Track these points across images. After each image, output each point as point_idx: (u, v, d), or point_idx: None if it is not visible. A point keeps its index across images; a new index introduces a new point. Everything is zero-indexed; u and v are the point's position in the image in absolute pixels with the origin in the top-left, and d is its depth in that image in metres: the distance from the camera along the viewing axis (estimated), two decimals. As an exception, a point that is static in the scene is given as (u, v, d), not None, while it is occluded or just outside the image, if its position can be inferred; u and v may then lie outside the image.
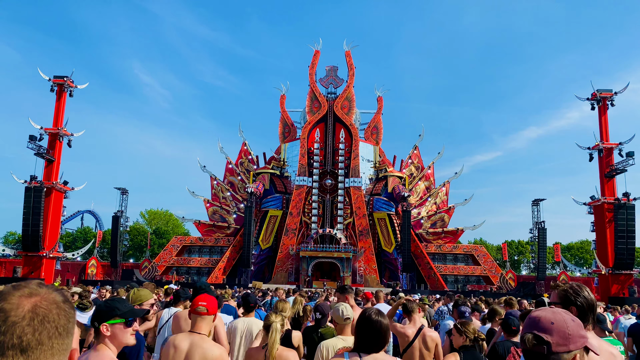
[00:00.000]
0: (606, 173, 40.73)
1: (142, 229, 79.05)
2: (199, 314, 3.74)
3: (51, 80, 40.79)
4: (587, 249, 74.36)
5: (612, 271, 39.03)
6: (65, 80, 40.79)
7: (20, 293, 1.08)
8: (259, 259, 51.74)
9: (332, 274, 49.77)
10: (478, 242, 79.19)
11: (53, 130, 40.13)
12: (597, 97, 41.57)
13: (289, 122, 57.73)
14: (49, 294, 1.12)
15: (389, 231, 52.38)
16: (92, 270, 50.16)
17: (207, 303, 3.76)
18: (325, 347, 4.09)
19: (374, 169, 56.01)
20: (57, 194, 40.47)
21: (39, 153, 38.98)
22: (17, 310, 1.04)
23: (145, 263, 52.29)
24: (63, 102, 41.16)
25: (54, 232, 40.27)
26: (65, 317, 1.12)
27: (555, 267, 71.22)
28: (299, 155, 54.13)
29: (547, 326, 1.57)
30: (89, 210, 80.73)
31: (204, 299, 3.79)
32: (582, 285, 2.68)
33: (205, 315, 3.74)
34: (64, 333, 1.10)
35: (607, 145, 40.99)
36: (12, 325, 1.02)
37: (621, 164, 39.73)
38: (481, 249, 54.07)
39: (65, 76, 40.98)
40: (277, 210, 53.71)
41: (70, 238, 77.46)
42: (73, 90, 41.64)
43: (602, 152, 41.08)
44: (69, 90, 41.30)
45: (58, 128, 40.22)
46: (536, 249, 51.06)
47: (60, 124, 40.64)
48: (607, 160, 41.00)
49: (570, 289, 2.65)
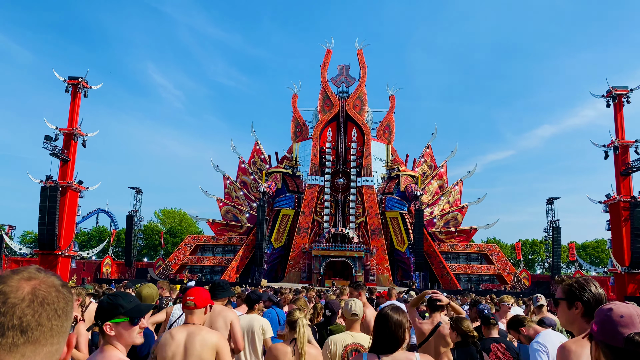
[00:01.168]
0: (622, 171, 40.18)
1: (156, 228, 79.72)
2: (188, 308, 3.75)
3: (66, 81, 41.26)
4: (602, 248, 73.42)
5: (628, 270, 38.50)
6: (80, 81, 41.23)
7: (19, 276, 1.10)
8: (272, 258, 51.91)
9: (344, 273, 49.73)
10: (492, 241, 78.59)
11: (68, 131, 40.59)
12: (613, 94, 41.05)
13: (300, 122, 57.80)
14: (48, 277, 1.15)
15: (401, 230, 52.21)
16: (107, 269, 50.74)
17: (195, 297, 3.76)
18: (334, 342, 4.10)
19: (386, 167, 55.84)
20: (72, 193, 40.95)
21: (55, 153, 39.46)
22: (17, 293, 1.06)
23: (159, 262, 52.73)
24: (78, 102, 41.62)
25: (69, 231, 40.76)
26: (64, 299, 1.14)
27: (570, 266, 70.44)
28: (310, 154, 54.16)
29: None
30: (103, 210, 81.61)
31: (192, 293, 3.80)
32: (590, 279, 2.56)
33: (193, 309, 3.73)
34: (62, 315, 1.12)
35: (622, 143, 40.44)
36: (12, 307, 1.04)
37: (637, 162, 39.17)
38: (495, 248, 53.64)
39: (79, 77, 41.43)
40: (290, 209, 53.82)
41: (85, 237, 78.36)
42: (87, 91, 42.09)
43: (618, 149, 40.53)
44: (84, 90, 41.75)
45: (73, 128, 40.68)
46: (550, 248, 50.59)
47: (75, 124, 41.11)
48: (622, 158, 40.45)
49: (576, 283, 2.54)
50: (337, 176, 54.60)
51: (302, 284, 38.89)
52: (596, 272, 56.55)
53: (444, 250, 51.72)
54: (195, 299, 3.76)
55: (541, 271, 74.83)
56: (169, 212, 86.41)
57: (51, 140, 39.09)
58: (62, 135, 40.56)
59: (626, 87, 41.13)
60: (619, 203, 39.79)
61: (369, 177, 52.71)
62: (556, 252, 49.26)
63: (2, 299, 1.05)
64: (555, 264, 49.18)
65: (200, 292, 3.86)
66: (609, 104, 41.68)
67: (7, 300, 1.05)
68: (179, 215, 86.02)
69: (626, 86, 41.16)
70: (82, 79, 41.43)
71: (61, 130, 40.39)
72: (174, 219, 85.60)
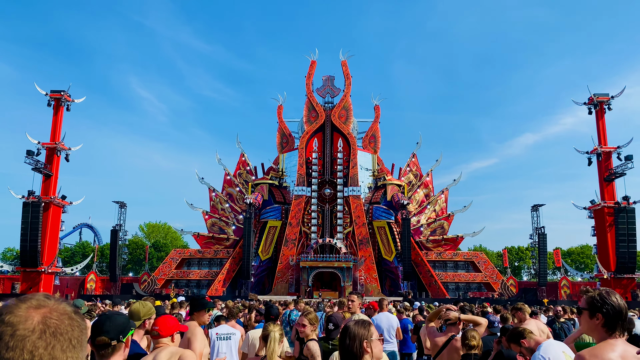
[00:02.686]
0: (605, 177, 40.75)
1: (141, 243, 78.68)
2: (154, 338, 3.79)
3: (48, 95, 40.78)
4: (587, 254, 74.21)
5: (614, 275, 38.94)
6: (62, 94, 40.77)
7: (27, 305, 0.97)
8: (259, 270, 51.45)
9: (332, 283, 49.48)
10: (478, 249, 78.94)
11: (50, 145, 40.03)
12: (594, 102, 41.74)
13: (286, 133, 57.73)
14: (58, 304, 1.02)
15: (389, 239, 52.19)
16: (91, 284, 49.78)
17: (159, 327, 3.79)
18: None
19: (373, 177, 55.93)
20: (55, 208, 40.28)
21: (37, 168, 38.85)
22: (26, 323, 0.94)
23: (145, 277, 51.92)
24: (60, 116, 41.11)
25: (52, 247, 40.02)
26: (78, 328, 1.02)
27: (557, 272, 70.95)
28: (297, 165, 54.06)
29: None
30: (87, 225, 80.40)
31: (159, 323, 3.83)
32: (611, 291, 2.65)
33: (158, 338, 3.77)
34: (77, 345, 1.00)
35: (605, 149, 41.07)
36: (22, 340, 0.92)
37: (620, 168, 39.79)
38: (481, 256, 53.86)
39: (62, 90, 40.98)
40: (277, 220, 53.51)
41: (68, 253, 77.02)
42: (70, 105, 41.64)
43: (601, 156, 41.15)
44: (66, 104, 41.28)
45: (55, 142, 40.14)
46: (537, 255, 50.92)
47: (57, 138, 40.56)
48: (606, 164, 41.05)
49: (598, 295, 2.61)
50: (324, 186, 54.51)
51: (290, 296, 38.53)
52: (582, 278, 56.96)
53: (432, 258, 51.79)
54: (160, 328, 3.79)
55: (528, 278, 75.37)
56: (154, 225, 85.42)
57: (33, 155, 38.50)
58: (44, 149, 40.00)
59: (607, 94, 41.86)
60: (604, 209, 40.30)
61: (355, 187, 52.71)
62: (542, 259, 49.58)
63: (10, 331, 0.92)
64: (542, 271, 49.49)
65: (165, 321, 3.88)
66: (590, 111, 42.35)
67: (16, 332, 0.92)
68: (163, 229, 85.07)
69: (607, 93, 41.90)
70: (64, 92, 40.97)
71: (43, 144, 39.83)
72: (158, 232, 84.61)
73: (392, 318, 8.93)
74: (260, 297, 37.65)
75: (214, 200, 56.83)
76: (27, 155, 38.01)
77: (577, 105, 43.26)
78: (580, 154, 42.50)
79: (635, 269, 39.65)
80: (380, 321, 8.56)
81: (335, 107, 55.42)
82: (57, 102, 40.85)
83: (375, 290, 48.37)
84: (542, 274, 49.43)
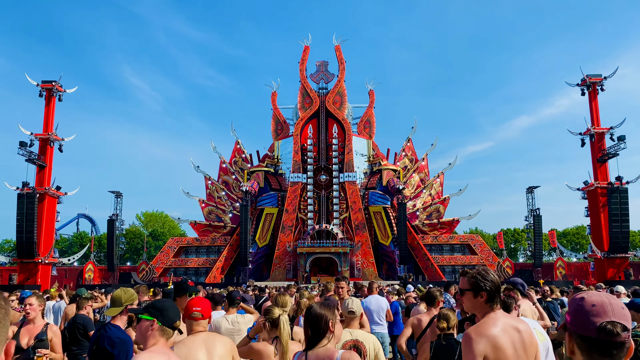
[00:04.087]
0: (598, 158, 40.92)
1: (138, 232, 78.85)
2: (195, 319, 3.55)
3: (39, 86, 40.52)
4: (582, 234, 74.69)
5: (607, 255, 39.28)
6: (54, 84, 40.51)
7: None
8: (257, 257, 51.71)
9: (329, 269, 49.80)
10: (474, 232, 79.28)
11: (43, 136, 39.89)
12: (587, 83, 41.75)
13: (281, 119, 57.58)
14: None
15: (385, 224, 52.42)
16: (90, 274, 50.00)
17: (201, 308, 3.58)
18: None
19: (368, 162, 55.97)
20: (50, 199, 40.26)
21: (30, 159, 38.76)
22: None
23: (143, 265, 52.14)
24: (52, 107, 40.90)
25: (48, 238, 40.09)
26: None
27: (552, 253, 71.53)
28: (292, 152, 54.02)
29: (621, 312, 1.47)
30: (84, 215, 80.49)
31: (199, 304, 3.63)
32: (488, 269, 2.93)
33: (200, 320, 3.57)
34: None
35: (598, 130, 41.18)
36: None
37: (613, 148, 39.94)
38: (477, 239, 54.19)
39: (53, 81, 40.69)
40: (273, 207, 53.64)
41: (66, 243, 77.18)
42: (62, 95, 41.40)
43: (594, 137, 41.28)
44: (58, 94, 41.04)
45: (48, 133, 39.98)
46: (532, 236, 51.24)
47: (50, 129, 40.40)
48: (599, 145, 41.20)
49: (478, 275, 2.84)
50: (320, 173, 54.57)
51: (287, 282, 38.83)
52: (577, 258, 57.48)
53: (428, 242, 52.08)
54: (202, 309, 3.57)
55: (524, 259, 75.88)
56: (151, 215, 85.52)
57: (26, 146, 38.39)
58: (37, 140, 39.86)
59: (600, 75, 41.84)
60: (597, 189, 40.53)
61: (351, 172, 52.78)
62: (537, 240, 49.90)
63: None
64: (537, 252, 49.85)
65: (205, 302, 3.69)
66: (583, 93, 42.38)
67: None
68: (161, 218, 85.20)
69: (600, 74, 41.88)
70: (56, 82, 40.70)
71: (36, 135, 39.68)
72: (156, 221, 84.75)
73: (381, 300, 9.08)
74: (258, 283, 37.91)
75: (210, 189, 56.87)
76: (20, 146, 37.90)
77: (571, 87, 43.26)
78: (574, 135, 42.61)
79: (628, 249, 40.03)
80: (369, 303, 8.71)
81: (329, 93, 55.22)
82: (49, 92, 40.60)
83: (372, 274, 48.70)
84: (537, 255, 49.80)
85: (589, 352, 1.46)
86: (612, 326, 1.42)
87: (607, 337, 1.42)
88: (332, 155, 54.18)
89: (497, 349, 2.53)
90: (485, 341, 2.53)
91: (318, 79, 56.60)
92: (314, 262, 49.40)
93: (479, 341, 2.55)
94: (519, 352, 2.58)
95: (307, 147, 54.44)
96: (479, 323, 2.70)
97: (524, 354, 2.59)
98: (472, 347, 2.54)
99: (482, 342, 2.53)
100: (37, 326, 5.03)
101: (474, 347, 2.53)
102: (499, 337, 2.56)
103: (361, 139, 56.47)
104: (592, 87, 41.83)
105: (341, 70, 55.61)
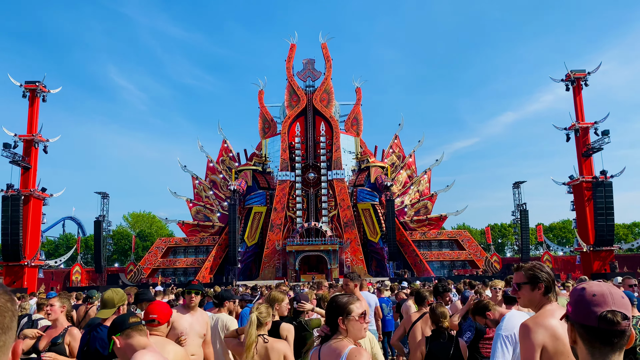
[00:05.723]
0: (583, 152, 41.41)
1: (125, 233, 78.24)
2: (152, 326, 3.60)
3: (22, 86, 39.95)
4: (568, 228, 75.62)
5: (593, 248, 39.77)
6: (38, 85, 39.97)
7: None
8: (246, 256, 51.57)
9: (319, 267, 49.86)
10: (462, 227, 79.93)
11: (27, 137, 39.37)
12: (572, 78, 42.18)
13: (268, 118, 57.43)
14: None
15: (373, 221, 52.58)
16: (77, 276, 49.48)
17: (157, 314, 3.67)
18: None
19: (356, 160, 56.06)
20: (36, 201, 39.77)
21: (14, 161, 38.24)
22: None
23: (131, 266, 51.75)
24: (36, 107, 40.37)
25: (34, 241, 39.61)
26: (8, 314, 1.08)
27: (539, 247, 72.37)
28: (280, 150, 53.94)
29: (621, 301, 1.49)
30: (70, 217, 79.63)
31: (155, 310, 3.72)
32: (539, 263, 2.90)
33: (156, 326, 3.65)
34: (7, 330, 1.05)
35: (583, 125, 41.65)
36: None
37: (597, 143, 40.42)
38: (465, 234, 54.61)
39: (37, 81, 40.15)
40: (261, 206, 53.52)
41: (52, 246, 76.32)
42: (46, 95, 40.86)
43: (579, 132, 41.74)
44: (42, 95, 40.50)
45: (32, 134, 39.46)
46: (519, 231, 51.70)
47: (34, 130, 39.88)
48: (583, 140, 41.68)
49: (535, 267, 2.82)
50: (308, 171, 54.55)
51: (277, 281, 38.84)
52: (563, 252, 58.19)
53: (416, 238, 52.37)
54: (158, 316, 3.67)
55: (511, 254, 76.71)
56: (138, 215, 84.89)
57: (10, 148, 37.86)
58: (21, 142, 39.30)
59: (584, 70, 42.31)
60: (582, 184, 41.01)
61: (339, 170, 52.84)
62: (524, 235, 50.39)
63: None
64: (525, 247, 50.33)
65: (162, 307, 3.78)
66: (568, 88, 42.80)
67: None
68: (148, 219, 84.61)
69: (584, 70, 42.35)
70: (39, 83, 40.16)
71: (20, 136, 39.13)
72: (143, 222, 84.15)
73: (370, 297, 9.09)
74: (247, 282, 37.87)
75: (197, 188, 56.59)
76: (4, 148, 37.37)
77: (556, 83, 43.66)
78: (559, 130, 43.06)
79: (614, 241, 40.58)
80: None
81: (316, 91, 55.20)
82: (33, 93, 40.05)
83: (361, 271, 48.80)
84: (524, 249, 50.28)
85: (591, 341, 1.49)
86: (612, 315, 1.45)
87: (608, 326, 1.45)
88: (320, 153, 54.18)
89: (556, 338, 2.58)
90: (544, 331, 2.57)
91: (305, 77, 56.53)
92: (303, 260, 49.41)
93: (537, 331, 2.60)
94: None
95: (294, 145, 54.37)
96: (537, 314, 2.74)
97: None
98: (531, 337, 2.60)
99: (541, 332, 2.58)
100: (58, 329, 4.91)
101: (533, 337, 2.59)
102: (557, 327, 2.60)
103: (349, 137, 56.54)
104: (576, 83, 42.28)
105: (328, 67, 55.61)
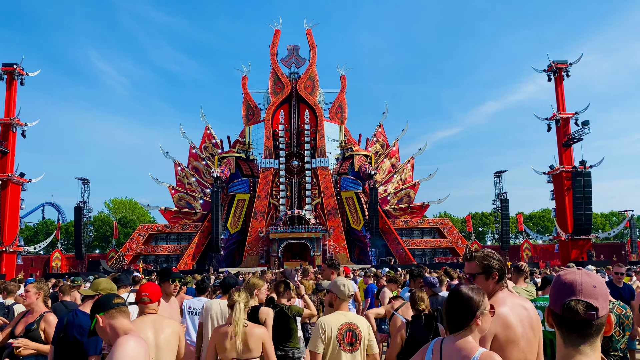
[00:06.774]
0: (564, 142, 42.01)
1: (107, 219, 77.39)
2: (144, 304, 3.82)
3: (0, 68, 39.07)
4: (548, 217, 76.87)
5: (571, 237, 40.53)
6: (15, 67, 39.15)
7: None
8: (229, 244, 51.47)
9: (302, 254, 50.01)
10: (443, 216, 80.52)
11: (5, 121, 38.62)
12: (554, 69, 42.63)
13: (252, 104, 57.01)
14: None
15: (357, 209, 52.81)
16: (57, 263, 48.96)
17: (149, 293, 3.83)
18: (327, 324, 3.82)
19: (340, 148, 56.09)
20: (14, 186, 39.11)
21: (-8, 145, 37.49)
22: None
23: (112, 253, 51.34)
24: (14, 91, 39.56)
25: (12, 226, 39.01)
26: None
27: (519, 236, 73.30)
28: (264, 137, 53.67)
29: (592, 291, 1.48)
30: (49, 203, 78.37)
31: (147, 289, 3.87)
32: (491, 251, 2.87)
33: (148, 304, 3.83)
34: None
35: (564, 115, 42.20)
36: None
37: (577, 133, 41.03)
38: (446, 222, 55.20)
39: (14, 64, 39.29)
40: (245, 194, 53.34)
41: (31, 232, 75.23)
42: (24, 78, 40.06)
43: (560, 122, 42.30)
44: (20, 78, 39.69)
45: (10, 118, 38.70)
46: (500, 220, 52.42)
47: (12, 113, 39.09)
48: (564, 130, 42.26)
49: (487, 256, 2.79)
50: (292, 158, 54.43)
51: (260, 268, 38.83)
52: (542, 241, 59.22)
53: (399, 226, 52.80)
54: (150, 294, 3.84)
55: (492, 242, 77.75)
56: (120, 201, 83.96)
57: (-13, 132, 37.10)
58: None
59: (565, 61, 42.77)
60: (562, 173, 41.68)
61: (323, 158, 52.83)
62: (505, 224, 51.10)
63: None
64: (505, 235, 51.06)
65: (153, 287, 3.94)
66: (550, 78, 43.27)
67: None
68: (130, 205, 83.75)
69: (565, 60, 42.80)
70: (17, 65, 39.33)
71: (-3, 120, 38.35)
72: (124, 208, 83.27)
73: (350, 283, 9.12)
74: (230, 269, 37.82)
75: (180, 175, 56.12)
76: (-19, 132, 36.62)
77: (538, 73, 44.16)
78: (540, 120, 43.59)
79: (591, 230, 41.40)
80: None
81: (301, 78, 54.90)
82: (10, 75, 39.20)
83: (344, 259, 49.07)
84: (504, 238, 51.02)
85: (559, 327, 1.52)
86: (575, 304, 1.46)
87: (570, 314, 1.47)
88: (304, 140, 54.06)
89: (507, 326, 2.56)
90: (495, 319, 2.49)
91: (289, 64, 56.15)
92: (286, 247, 49.49)
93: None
94: (527, 330, 2.62)
95: (278, 132, 54.14)
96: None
97: (531, 331, 2.64)
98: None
99: (492, 321, 2.50)
100: (34, 315, 4.80)
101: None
102: (508, 315, 2.58)
103: (333, 125, 56.47)
104: (558, 73, 42.76)
105: (312, 54, 55.28)
